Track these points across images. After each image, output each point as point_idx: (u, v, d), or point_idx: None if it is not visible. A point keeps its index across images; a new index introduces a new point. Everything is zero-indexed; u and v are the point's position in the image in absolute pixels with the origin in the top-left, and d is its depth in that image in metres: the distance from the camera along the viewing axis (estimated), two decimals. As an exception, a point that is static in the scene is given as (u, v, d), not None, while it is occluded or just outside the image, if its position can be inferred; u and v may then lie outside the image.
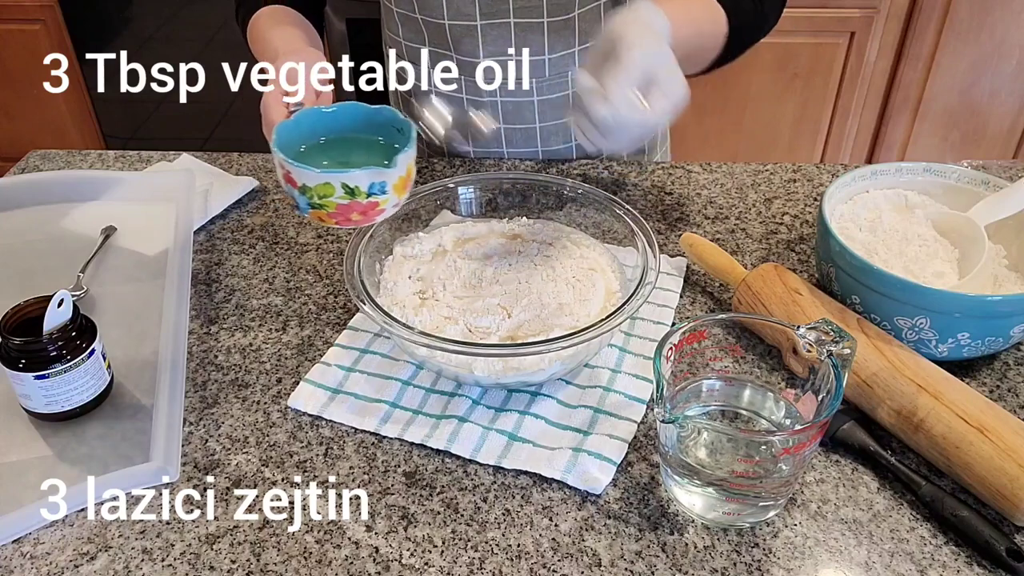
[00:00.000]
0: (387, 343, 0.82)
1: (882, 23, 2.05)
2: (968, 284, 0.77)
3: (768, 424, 0.70)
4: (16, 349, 0.71)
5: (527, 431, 0.73)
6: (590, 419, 0.74)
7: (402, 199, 0.70)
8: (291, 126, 0.72)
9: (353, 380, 0.78)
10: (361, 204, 0.66)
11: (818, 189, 1.05)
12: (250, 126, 2.10)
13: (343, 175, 0.66)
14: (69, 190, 1.05)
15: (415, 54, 1.06)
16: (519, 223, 0.89)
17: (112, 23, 2.25)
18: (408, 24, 1.03)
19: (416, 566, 0.63)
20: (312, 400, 0.76)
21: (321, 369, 0.80)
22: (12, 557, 0.65)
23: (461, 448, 0.71)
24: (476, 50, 1.00)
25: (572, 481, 0.68)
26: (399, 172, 0.68)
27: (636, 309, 0.71)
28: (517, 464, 0.70)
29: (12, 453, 0.73)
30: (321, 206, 0.66)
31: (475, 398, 0.76)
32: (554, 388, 0.77)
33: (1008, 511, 0.64)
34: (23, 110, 2.46)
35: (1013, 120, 2.16)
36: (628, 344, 0.81)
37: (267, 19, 0.96)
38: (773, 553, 0.63)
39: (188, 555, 0.64)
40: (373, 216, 0.68)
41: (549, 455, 0.70)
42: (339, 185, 0.65)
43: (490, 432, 0.73)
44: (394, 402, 0.76)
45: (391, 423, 0.74)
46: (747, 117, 2.21)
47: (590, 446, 0.71)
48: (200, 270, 0.94)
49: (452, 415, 0.74)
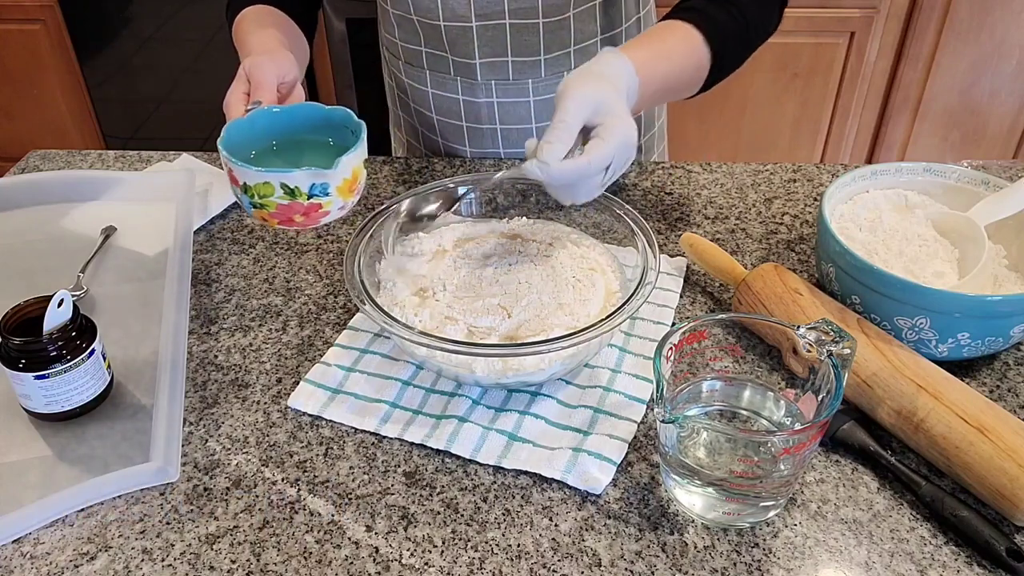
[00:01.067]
0: (387, 343, 0.82)
1: (882, 23, 2.05)
2: (968, 284, 0.77)
3: (768, 424, 0.70)
4: (16, 349, 0.71)
5: (527, 431, 0.73)
6: (590, 419, 0.74)
7: (349, 202, 0.70)
8: (244, 125, 0.71)
9: (353, 380, 0.78)
10: (302, 205, 0.65)
11: (818, 189, 1.05)
12: (250, 126, 1.98)
13: (282, 175, 0.65)
14: (69, 190, 1.05)
15: (411, 55, 1.06)
16: (519, 223, 0.89)
17: (112, 23, 2.25)
18: (404, 25, 1.03)
19: (416, 566, 0.63)
20: (312, 400, 0.76)
21: (321, 369, 0.80)
22: (12, 557, 0.65)
23: (461, 448, 0.71)
24: (472, 51, 1.00)
25: (572, 481, 0.68)
26: (343, 174, 0.67)
27: (636, 309, 0.71)
28: (517, 464, 0.70)
29: (12, 453, 0.73)
30: (262, 206, 0.66)
31: (475, 398, 0.76)
32: (554, 388, 0.77)
33: (1008, 511, 0.64)
34: (23, 110, 2.46)
35: (1013, 120, 2.16)
36: (628, 344, 0.81)
37: (250, 21, 0.96)
38: (773, 553, 0.63)
39: (188, 555, 0.64)
40: (317, 218, 0.67)
41: (549, 455, 0.70)
42: (279, 184, 0.65)
43: (490, 432, 0.73)
44: (394, 402, 0.76)
45: (391, 423, 0.74)
46: (747, 117, 2.21)
47: (590, 446, 0.71)
48: (200, 270, 0.94)
49: (452, 415, 0.74)
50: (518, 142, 1.08)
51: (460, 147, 1.11)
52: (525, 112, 1.05)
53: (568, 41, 1.00)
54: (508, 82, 1.03)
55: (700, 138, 2.25)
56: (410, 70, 1.07)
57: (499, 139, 1.08)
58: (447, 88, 1.05)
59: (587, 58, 1.02)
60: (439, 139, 1.12)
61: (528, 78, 1.02)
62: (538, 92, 1.04)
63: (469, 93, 1.04)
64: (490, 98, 1.04)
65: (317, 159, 0.72)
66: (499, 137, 1.08)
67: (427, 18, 0.99)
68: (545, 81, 1.03)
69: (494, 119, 1.06)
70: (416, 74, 1.07)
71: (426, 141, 1.15)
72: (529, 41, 0.99)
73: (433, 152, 1.15)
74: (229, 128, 0.70)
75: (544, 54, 1.00)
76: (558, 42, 1.00)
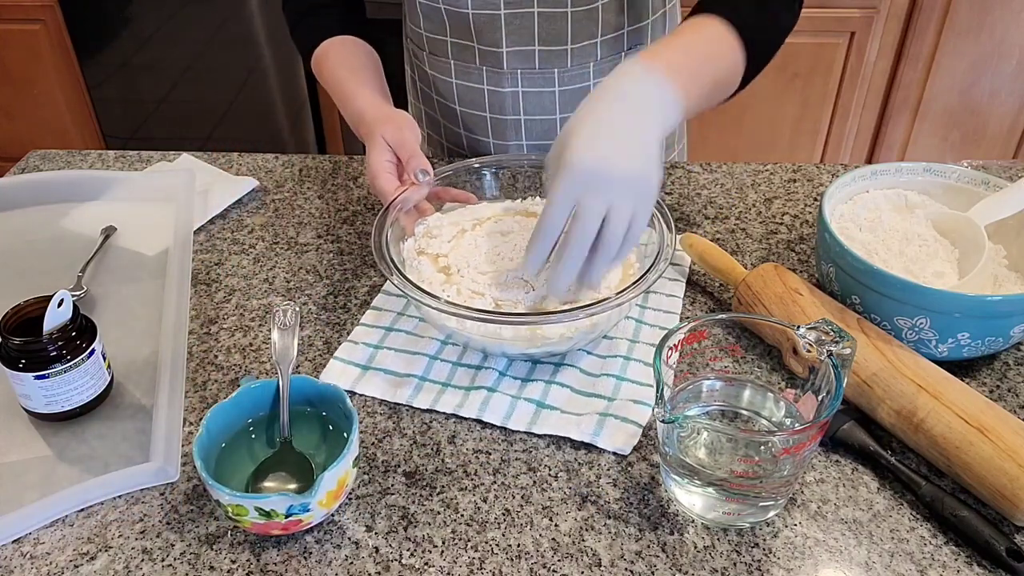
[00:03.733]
0: (410, 322, 0.85)
1: (882, 23, 2.05)
2: (968, 284, 0.77)
3: (768, 424, 0.70)
4: (16, 349, 0.71)
5: (554, 399, 0.76)
6: (613, 386, 0.77)
7: (336, 506, 0.65)
8: (227, 406, 0.68)
9: (382, 356, 0.81)
10: (280, 523, 0.62)
11: (818, 189, 1.05)
12: (250, 126, 2.11)
13: (257, 500, 0.60)
14: (69, 190, 1.05)
15: (436, 45, 1.06)
16: (534, 202, 0.91)
17: (112, 23, 2.25)
18: (430, 15, 1.03)
19: (416, 566, 0.63)
20: (344, 376, 0.79)
21: (349, 347, 0.82)
22: (12, 557, 0.65)
23: (493, 416, 0.74)
24: (499, 40, 1.00)
25: (601, 443, 0.71)
26: (326, 488, 0.61)
27: (655, 280, 0.73)
28: (547, 429, 0.73)
29: (12, 453, 0.73)
30: (237, 520, 0.62)
31: (501, 370, 0.79)
32: (575, 358, 0.80)
33: (1008, 511, 0.64)
34: (23, 110, 2.46)
35: (1013, 120, 2.16)
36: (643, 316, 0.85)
37: (340, 65, 0.97)
38: (773, 553, 0.63)
39: (188, 555, 0.64)
40: (299, 528, 0.64)
41: (577, 420, 0.73)
42: (252, 508, 0.60)
43: (519, 401, 0.76)
44: (423, 376, 0.79)
45: (422, 394, 0.77)
46: (747, 117, 2.21)
47: (616, 411, 0.74)
48: (200, 270, 0.94)
49: (481, 386, 0.77)
50: (541, 134, 1.08)
51: (483, 138, 1.11)
52: (549, 102, 1.05)
53: (596, 31, 1.00)
54: (534, 71, 1.03)
55: (700, 138, 2.25)
56: (434, 60, 1.07)
57: (522, 130, 1.08)
58: (471, 78, 1.05)
59: (613, 49, 1.02)
60: (462, 131, 1.12)
61: (554, 67, 1.02)
62: (563, 82, 1.04)
63: (494, 83, 1.04)
64: (515, 88, 1.04)
65: (307, 437, 0.70)
66: (522, 128, 1.08)
67: (455, 7, 0.99)
68: (571, 71, 1.03)
69: (518, 110, 1.06)
70: (440, 64, 1.07)
71: (448, 133, 1.15)
72: (557, 29, 0.99)
73: (455, 145, 1.15)
74: (213, 413, 0.66)
75: (571, 43, 1.00)
76: (586, 32, 1.00)
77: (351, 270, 0.93)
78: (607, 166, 0.67)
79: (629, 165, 0.68)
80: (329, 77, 0.98)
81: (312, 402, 0.71)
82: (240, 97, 2.30)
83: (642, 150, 0.70)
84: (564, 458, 0.71)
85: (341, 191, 1.07)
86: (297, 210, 1.04)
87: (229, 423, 0.69)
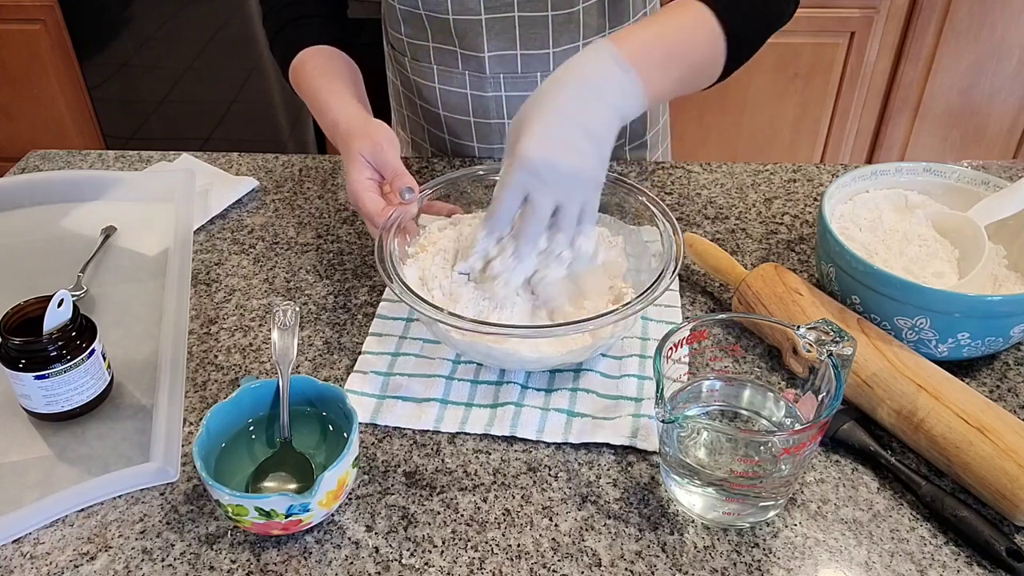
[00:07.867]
0: (415, 344, 0.82)
1: (882, 23, 2.05)
2: (968, 284, 0.77)
3: (768, 424, 0.70)
4: (16, 349, 0.71)
5: (582, 406, 0.75)
6: (636, 385, 0.77)
7: (336, 506, 0.65)
8: (228, 407, 0.67)
9: (395, 383, 0.78)
10: (280, 523, 0.62)
11: (818, 189, 1.05)
12: (250, 126, 2.11)
13: (257, 500, 0.60)
14: (69, 190, 1.05)
15: (417, 51, 1.06)
16: None
17: (112, 23, 2.25)
18: (411, 21, 1.03)
19: (416, 566, 0.63)
20: (361, 408, 0.75)
21: (359, 378, 0.79)
22: (12, 557, 0.65)
23: (526, 431, 0.73)
24: (481, 44, 1.00)
25: (641, 445, 0.71)
26: (326, 488, 0.62)
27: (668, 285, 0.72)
28: (584, 438, 0.72)
29: (12, 453, 0.73)
30: (237, 520, 0.62)
31: (522, 383, 0.77)
32: (592, 363, 0.79)
33: (1008, 511, 0.64)
34: (23, 110, 2.46)
35: (1013, 120, 2.16)
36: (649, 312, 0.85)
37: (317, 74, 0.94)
38: (773, 553, 0.63)
39: (188, 555, 0.64)
40: (299, 528, 0.64)
41: (612, 424, 0.73)
42: (252, 508, 0.60)
43: (548, 412, 0.74)
44: (444, 398, 0.76)
45: (448, 417, 0.75)
46: (747, 117, 2.21)
47: (647, 410, 0.74)
48: (200, 270, 0.94)
49: (507, 402, 0.75)
50: None
51: (468, 143, 1.11)
52: None
53: (577, 35, 1.00)
54: (517, 75, 1.02)
55: (700, 138, 2.25)
56: (416, 66, 1.07)
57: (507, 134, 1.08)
58: (454, 83, 1.05)
59: None
60: (446, 136, 1.12)
61: (537, 71, 1.02)
62: None
63: (477, 87, 1.04)
64: (498, 92, 1.04)
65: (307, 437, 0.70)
66: (507, 132, 1.08)
67: (436, 12, 0.99)
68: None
69: (502, 113, 1.06)
70: (423, 70, 1.07)
71: (432, 138, 1.15)
72: (538, 34, 0.99)
73: (439, 149, 1.15)
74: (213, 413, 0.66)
75: (553, 47, 1.00)
76: (567, 35, 1.00)
77: (351, 270, 0.93)
78: (556, 163, 0.69)
79: (580, 162, 0.69)
80: (305, 86, 0.94)
81: (312, 402, 0.71)
82: (240, 97, 2.30)
83: (594, 144, 0.71)
84: (564, 458, 0.71)
85: (341, 191, 1.07)
86: (297, 210, 1.04)
87: (229, 423, 0.69)
